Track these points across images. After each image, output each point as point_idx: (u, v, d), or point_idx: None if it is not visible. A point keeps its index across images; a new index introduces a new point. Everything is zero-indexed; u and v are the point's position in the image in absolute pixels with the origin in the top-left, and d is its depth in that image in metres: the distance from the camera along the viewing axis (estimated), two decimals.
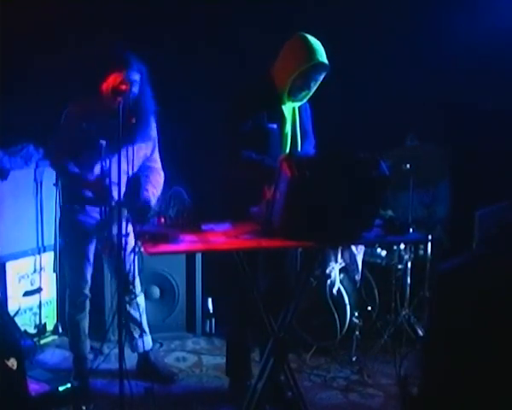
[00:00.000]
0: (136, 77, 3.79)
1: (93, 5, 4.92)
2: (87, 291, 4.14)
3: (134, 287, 4.14)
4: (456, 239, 4.79)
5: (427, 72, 5.06)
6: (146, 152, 4.06)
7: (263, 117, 3.76)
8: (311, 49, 3.68)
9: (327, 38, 3.73)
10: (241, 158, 3.71)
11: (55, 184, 4.52)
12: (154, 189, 4.06)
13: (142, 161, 4.06)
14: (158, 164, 4.17)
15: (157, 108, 3.94)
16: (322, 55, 3.70)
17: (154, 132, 4.08)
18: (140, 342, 4.30)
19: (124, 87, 3.58)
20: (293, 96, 3.80)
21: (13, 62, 4.78)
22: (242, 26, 5.11)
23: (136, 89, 3.79)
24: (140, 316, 4.28)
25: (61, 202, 4.28)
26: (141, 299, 4.28)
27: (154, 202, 4.00)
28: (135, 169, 3.84)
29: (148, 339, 4.37)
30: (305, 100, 3.88)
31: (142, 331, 4.31)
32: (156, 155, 4.16)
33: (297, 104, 3.89)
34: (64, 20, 4.85)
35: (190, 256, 4.88)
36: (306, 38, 3.71)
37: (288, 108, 3.86)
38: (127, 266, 3.92)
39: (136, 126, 3.76)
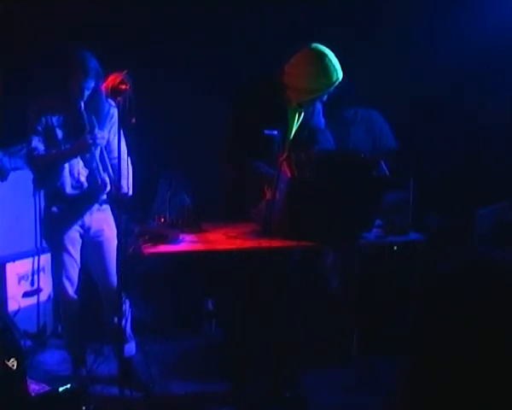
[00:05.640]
0: (92, 84, 3.89)
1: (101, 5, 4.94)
2: (72, 293, 4.14)
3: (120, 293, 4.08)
4: (457, 239, 4.79)
5: (426, 72, 5.06)
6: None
7: (265, 123, 3.75)
8: (332, 72, 3.63)
9: (326, 37, 3.73)
10: (239, 163, 3.71)
11: (34, 188, 4.48)
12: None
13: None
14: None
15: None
16: (340, 71, 3.65)
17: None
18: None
19: (123, 87, 3.59)
20: (302, 106, 3.79)
21: (13, 62, 4.79)
22: (242, 22, 5.10)
23: (88, 92, 3.91)
24: (125, 322, 4.22)
25: (42, 204, 4.28)
26: (126, 305, 4.21)
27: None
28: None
29: (131, 345, 4.27)
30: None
31: (126, 338, 4.25)
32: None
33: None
34: (62, 19, 4.86)
35: (190, 256, 4.88)
36: (326, 57, 3.64)
37: (294, 112, 3.83)
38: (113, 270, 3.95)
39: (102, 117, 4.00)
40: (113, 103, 3.82)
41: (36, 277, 4.77)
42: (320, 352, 4.49)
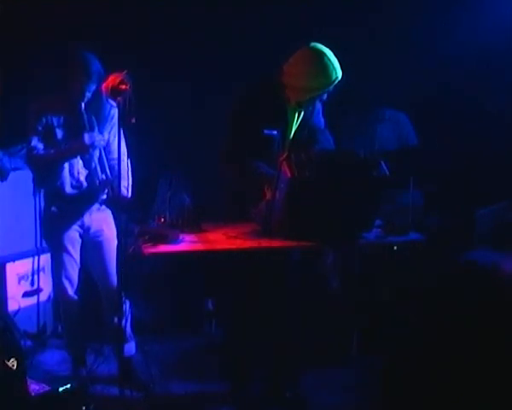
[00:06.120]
0: (94, 87, 3.90)
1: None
2: (72, 293, 4.14)
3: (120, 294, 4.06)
4: (457, 239, 4.79)
5: (426, 72, 5.06)
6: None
7: (265, 123, 3.75)
8: (331, 70, 3.63)
9: (326, 37, 3.73)
10: (239, 163, 3.72)
11: (34, 187, 4.49)
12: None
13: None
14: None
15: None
16: (339, 70, 3.66)
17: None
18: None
19: (123, 87, 3.59)
20: (302, 105, 3.79)
21: (13, 62, 4.79)
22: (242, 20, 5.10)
23: (89, 94, 3.92)
24: (125, 322, 4.21)
25: (42, 204, 4.29)
26: (126, 305, 4.19)
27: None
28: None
29: (130, 345, 4.27)
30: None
31: (126, 338, 4.23)
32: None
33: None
34: (62, 19, 4.86)
35: (190, 256, 4.88)
36: (325, 56, 3.64)
37: (293, 111, 3.83)
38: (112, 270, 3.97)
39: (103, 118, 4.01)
40: (113, 103, 3.81)
41: (36, 277, 4.77)
42: (320, 352, 4.48)
